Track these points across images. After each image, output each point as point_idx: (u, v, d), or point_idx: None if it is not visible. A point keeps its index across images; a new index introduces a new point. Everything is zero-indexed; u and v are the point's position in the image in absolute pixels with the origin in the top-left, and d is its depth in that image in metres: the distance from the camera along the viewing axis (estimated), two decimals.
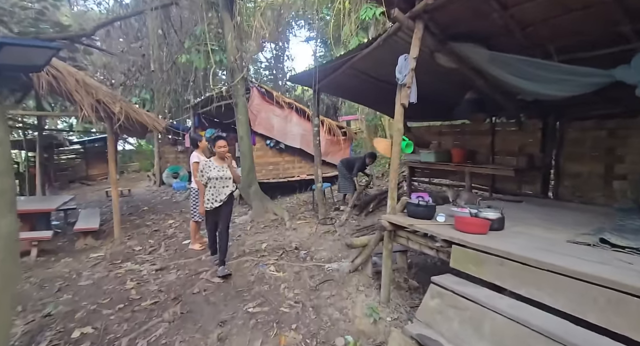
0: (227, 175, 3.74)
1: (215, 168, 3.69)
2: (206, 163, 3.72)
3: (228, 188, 3.75)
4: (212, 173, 3.66)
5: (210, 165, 3.71)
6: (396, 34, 3.19)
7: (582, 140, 3.99)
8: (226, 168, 3.74)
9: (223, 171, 3.72)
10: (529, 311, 1.58)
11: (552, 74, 2.49)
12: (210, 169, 3.68)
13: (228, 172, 3.74)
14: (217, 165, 3.72)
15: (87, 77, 4.97)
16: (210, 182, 3.70)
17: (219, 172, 3.69)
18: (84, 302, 3.28)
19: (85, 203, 9.06)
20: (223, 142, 3.71)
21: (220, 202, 3.70)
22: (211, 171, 3.67)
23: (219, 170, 3.70)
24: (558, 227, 2.49)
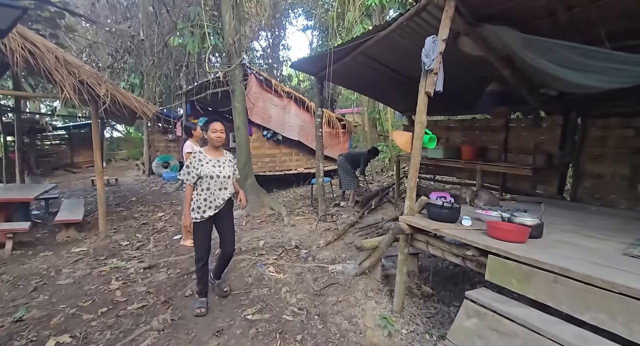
0: (226, 172, 2.71)
1: (208, 163, 2.65)
2: (195, 157, 2.64)
3: (227, 191, 2.73)
4: (204, 170, 2.60)
5: (201, 159, 2.64)
6: (419, 14, 2.85)
7: (606, 139, 3.76)
8: (224, 163, 2.73)
9: (220, 167, 2.68)
10: (604, 345, 1.31)
11: (601, 63, 2.22)
12: (202, 164, 2.62)
13: (227, 167, 2.73)
14: (210, 157, 2.68)
15: (69, 55, 4.50)
16: (202, 182, 2.63)
17: (214, 168, 2.65)
18: (62, 305, 2.93)
19: (69, 191, 8.60)
20: (219, 125, 2.67)
21: (216, 209, 2.69)
22: (203, 166, 2.62)
23: (213, 165, 2.66)
24: (598, 235, 2.25)
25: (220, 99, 7.60)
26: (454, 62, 3.22)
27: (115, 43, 8.82)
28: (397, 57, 4.04)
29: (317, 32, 14.49)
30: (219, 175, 2.66)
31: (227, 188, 2.73)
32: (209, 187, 2.64)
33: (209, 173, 2.61)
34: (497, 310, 1.64)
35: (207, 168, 2.62)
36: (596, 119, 3.83)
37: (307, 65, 5.09)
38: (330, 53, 3.86)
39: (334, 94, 14.77)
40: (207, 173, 2.61)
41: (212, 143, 2.69)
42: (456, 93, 4.22)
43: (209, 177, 2.62)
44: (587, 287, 1.43)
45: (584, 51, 2.27)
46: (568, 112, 3.94)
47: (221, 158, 2.74)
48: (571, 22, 2.48)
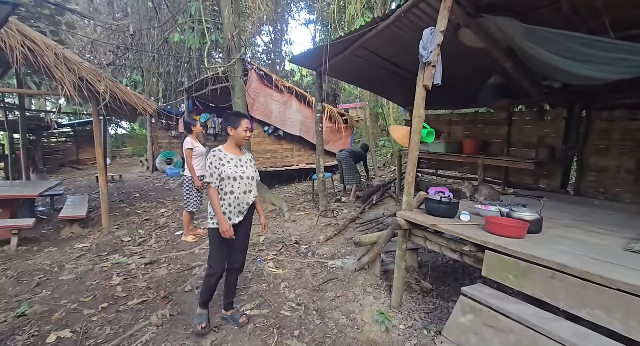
0: (249, 172, 2.40)
1: (230, 162, 2.33)
2: (216, 155, 2.31)
3: (252, 194, 2.42)
4: (226, 170, 2.28)
5: (222, 158, 2.31)
6: (418, 6, 2.79)
7: (611, 132, 3.67)
8: (246, 163, 2.43)
9: (243, 167, 2.38)
10: (602, 342, 1.29)
11: (605, 53, 2.14)
12: (223, 163, 2.30)
13: (249, 167, 2.42)
14: (232, 156, 2.37)
15: (69, 52, 4.50)
16: (224, 185, 2.30)
17: (237, 168, 2.33)
18: (64, 300, 2.98)
19: (74, 188, 8.71)
20: (249, 123, 2.39)
21: (241, 215, 2.38)
22: (225, 166, 2.29)
23: (236, 165, 2.34)
24: (600, 230, 2.20)
25: (220, 95, 7.58)
26: (455, 54, 3.17)
27: (117, 40, 8.83)
28: (396, 50, 3.97)
29: (319, 26, 14.37)
30: (242, 177, 2.33)
31: (251, 191, 2.40)
32: (232, 191, 2.30)
33: (232, 174, 2.28)
34: (492, 307, 1.62)
35: (229, 168, 2.29)
36: (601, 112, 3.74)
37: (307, 59, 5.04)
38: (326, 47, 3.80)
39: (336, 89, 14.69)
40: (230, 174, 2.28)
41: (239, 142, 2.37)
42: (458, 87, 4.16)
43: (232, 178, 2.29)
44: (585, 283, 1.40)
45: (588, 41, 2.20)
46: (572, 104, 3.85)
47: (243, 157, 2.42)
48: (574, 12, 2.40)
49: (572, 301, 1.43)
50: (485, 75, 3.86)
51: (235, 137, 2.35)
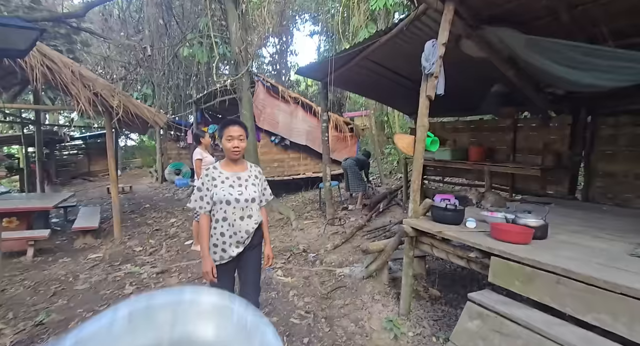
0: (249, 193, 1.92)
1: (224, 182, 1.90)
2: (208, 174, 1.91)
3: (252, 220, 1.95)
4: (218, 192, 1.86)
5: (214, 177, 1.90)
6: (419, 18, 2.89)
7: (617, 137, 3.67)
8: (247, 180, 1.96)
9: (241, 186, 1.92)
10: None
11: (605, 61, 2.19)
12: (215, 184, 1.88)
13: (250, 186, 1.95)
14: (228, 173, 1.93)
15: (84, 69, 4.71)
16: (216, 210, 1.90)
17: (232, 189, 1.89)
18: (79, 309, 3.05)
19: (86, 199, 8.90)
20: (236, 130, 1.88)
21: (239, 245, 1.93)
22: (217, 187, 1.87)
23: (231, 185, 1.90)
24: (606, 235, 2.21)
25: (228, 107, 7.77)
26: (458, 64, 3.24)
27: (128, 55, 9.16)
28: (400, 61, 4.07)
29: (324, 37, 14.69)
30: (237, 199, 1.86)
31: (251, 216, 1.92)
32: (225, 217, 1.86)
33: (223, 196, 1.84)
34: (499, 312, 1.64)
35: (221, 189, 1.85)
36: (606, 117, 3.75)
37: (313, 71, 5.18)
38: (331, 60, 3.92)
39: (341, 98, 14.87)
40: (222, 196, 1.84)
41: (228, 155, 1.92)
42: (461, 95, 4.22)
43: (225, 201, 1.84)
44: (590, 288, 1.42)
45: (588, 50, 2.25)
46: (577, 110, 3.87)
47: (242, 173, 1.95)
48: (574, 21, 2.46)
49: (578, 306, 1.45)
50: (488, 84, 3.92)
51: (224, 149, 1.93)
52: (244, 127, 1.93)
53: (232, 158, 1.94)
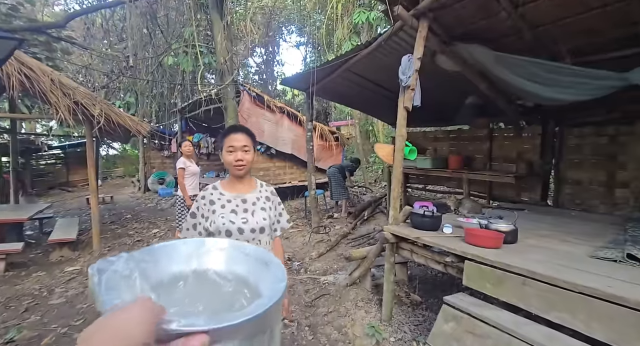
0: (257, 220, 1.45)
1: (225, 206, 1.45)
2: (206, 196, 1.47)
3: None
4: (218, 220, 1.41)
5: (213, 200, 1.46)
6: (397, 34, 3.04)
7: (582, 147, 3.92)
8: (255, 204, 1.49)
9: (247, 211, 1.46)
10: (568, 343, 1.39)
11: (566, 77, 2.38)
12: (214, 209, 1.44)
13: (259, 211, 1.48)
14: (230, 195, 1.48)
15: (64, 77, 4.64)
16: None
17: (236, 216, 1.44)
18: (54, 324, 2.94)
19: (64, 211, 8.59)
20: (240, 138, 1.44)
21: None
22: (215, 214, 1.42)
23: (233, 211, 1.44)
24: (571, 239, 2.35)
25: (213, 116, 7.77)
26: (435, 77, 3.41)
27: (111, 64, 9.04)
28: (381, 73, 4.22)
29: (310, 47, 14.97)
30: (241, 229, 1.39)
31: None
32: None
33: (223, 225, 1.37)
34: (472, 314, 1.72)
35: (220, 216, 1.39)
36: (572, 128, 4.00)
37: (297, 81, 5.28)
38: (313, 72, 4.04)
39: (327, 107, 15.10)
40: (220, 225, 1.37)
41: (231, 171, 1.47)
42: (440, 106, 4.41)
43: (225, 232, 1.37)
44: (552, 288, 1.52)
45: (550, 67, 2.44)
46: (546, 121, 4.11)
47: (249, 195, 1.48)
48: (536, 40, 2.66)
49: (542, 305, 1.54)
50: (463, 96, 4.12)
51: (225, 164, 1.46)
52: (249, 135, 1.47)
53: (236, 174, 1.46)
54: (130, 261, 0.57)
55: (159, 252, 0.65)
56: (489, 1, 2.34)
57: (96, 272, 0.52)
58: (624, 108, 3.56)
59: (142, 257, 0.60)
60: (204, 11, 7.16)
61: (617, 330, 1.32)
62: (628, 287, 1.43)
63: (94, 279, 0.51)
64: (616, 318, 1.33)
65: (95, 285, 0.50)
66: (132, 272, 0.56)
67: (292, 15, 14.38)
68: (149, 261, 0.61)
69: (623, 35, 2.37)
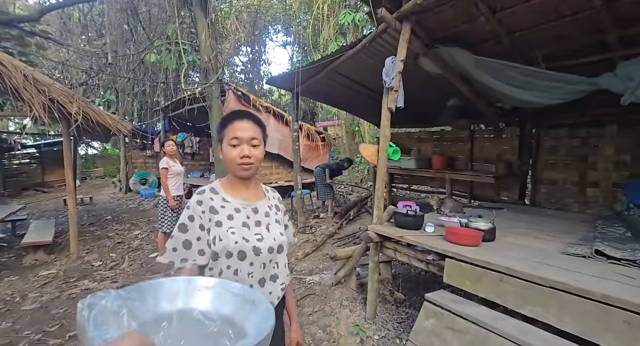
0: (275, 238, 1.11)
1: (233, 217, 1.08)
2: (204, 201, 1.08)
3: (278, 283, 1.13)
4: (227, 236, 1.03)
5: (215, 208, 1.08)
6: (381, 36, 3.08)
7: (557, 148, 4.09)
8: (267, 213, 1.16)
9: (260, 225, 1.11)
10: (540, 336, 1.46)
11: (541, 81, 2.48)
12: (218, 220, 1.05)
13: (274, 226, 1.14)
14: (237, 203, 1.11)
15: (39, 73, 4.45)
16: (220, 268, 1.04)
17: (251, 230, 1.09)
18: (27, 331, 2.82)
19: (39, 212, 8.23)
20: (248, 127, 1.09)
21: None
22: (222, 227, 1.05)
23: (244, 224, 1.09)
24: (545, 236, 2.45)
25: (197, 115, 7.64)
26: (419, 79, 3.48)
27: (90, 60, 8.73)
28: (366, 74, 4.27)
29: (296, 47, 14.94)
30: (258, 248, 1.06)
31: (277, 278, 1.13)
32: (236, 281, 0.91)
33: (235, 244, 1.04)
34: (452, 310, 1.77)
35: (229, 231, 1.05)
36: (548, 130, 4.17)
37: (283, 81, 5.27)
38: (298, 72, 4.04)
39: (314, 108, 15.12)
40: (231, 244, 1.03)
41: (233, 171, 1.12)
42: (423, 107, 4.51)
43: (236, 254, 1.04)
44: (527, 284, 1.59)
45: (525, 71, 2.54)
46: (524, 123, 4.28)
47: (260, 203, 1.17)
48: (514, 45, 2.76)
49: (517, 300, 1.61)
50: (445, 98, 4.22)
51: (225, 161, 1.12)
52: (259, 124, 1.14)
53: (240, 175, 1.11)
54: (118, 298, 0.58)
55: (146, 290, 0.65)
56: (469, 6, 2.41)
57: (86, 307, 0.54)
58: (594, 112, 3.75)
59: (130, 294, 0.61)
60: (188, 8, 7.02)
61: (585, 323, 1.40)
62: (595, 281, 1.51)
63: (84, 314, 0.53)
64: (584, 311, 1.41)
65: (85, 320, 0.52)
66: (121, 308, 0.57)
67: (279, 14, 14.32)
68: (135, 300, 0.62)
69: (592, 42, 2.50)
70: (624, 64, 2.23)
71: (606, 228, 2.61)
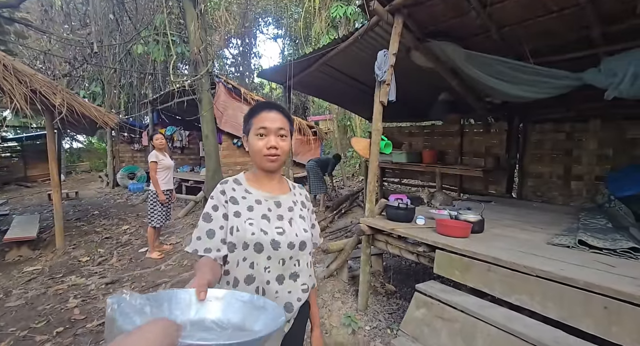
0: (298, 233, 1.06)
1: (253, 208, 1.06)
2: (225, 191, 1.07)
3: (298, 283, 1.06)
4: (244, 227, 1.00)
5: (237, 196, 1.07)
6: (373, 29, 3.07)
7: (543, 142, 4.19)
8: (292, 208, 1.12)
9: (282, 219, 1.08)
10: (525, 322, 1.51)
11: (528, 76, 2.53)
12: (238, 209, 1.04)
13: (298, 221, 1.10)
14: (260, 195, 1.10)
15: (19, 63, 4.28)
16: (236, 260, 1.01)
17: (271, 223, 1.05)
18: (12, 328, 2.76)
19: (22, 207, 8.01)
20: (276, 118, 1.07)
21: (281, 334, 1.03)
22: (241, 217, 1.03)
23: (265, 216, 1.06)
24: (531, 228, 2.52)
25: (187, 108, 7.49)
26: (410, 73, 3.49)
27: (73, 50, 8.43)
28: (357, 68, 4.26)
29: (287, 40, 14.76)
30: (277, 242, 1.02)
31: (298, 276, 1.07)
32: (251, 275, 1.00)
33: (252, 235, 1.00)
34: (441, 299, 1.81)
35: (248, 222, 1.02)
36: (534, 124, 4.26)
37: (274, 74, 5.21)
38: (290, 64, 4.00)
39: (306, 102, 15.04)
40: (248, 235, 1.00)
41: (259, 163, 1.09)
42: (414, 102, 4.53)
43: (252, 246, 1.00)
44: (513, 273, 1.64)
45: (514, 65, 2.58)
46: (511, 118, 4.36)
47: (284, 197, 1.14)
48: (503, 40, 2.80)
49: (504, 289, 1.66)
50: (436, 92, 4.25)
51: (251, 153, 1.09)
52: (287, 116, 1.11)
53: (266, 167, 1.08)
54: (140, 298, 0.65)
55: (161, 297, 0.72)
56: (460, 0, 2.43)
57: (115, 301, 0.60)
58: (579, 108, 3.85)
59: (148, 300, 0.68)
60: None
61: (567, 309, 1.45)
62: (578, 270, 1.57)
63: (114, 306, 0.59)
64: (567, 298, 1.46)
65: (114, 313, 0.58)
66: (144, 307, 0.64)
67: (269, 6, 14.09)
68: (153, 305, 0.68)
69: (577, 37, 2.56)
70: (608, 60, 2.29)
71: (589, 219, 2.70)
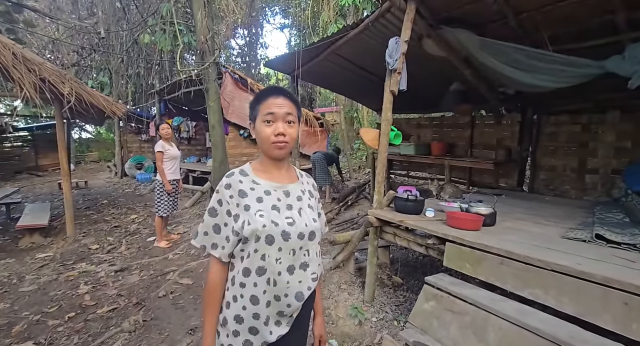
0: (308, 223, 1.04)
1: (263, 199, 1.02)
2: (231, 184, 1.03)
3: (308, 273, 1.05)
4: (255, 219, 0.97)
5: (244, 189, 1.03)
6: (384, 15, 2.98)
7: (558, 134, 4.07)
8: (301, 197, 1.10)
9: (292, 209, 1.05)
10: (539, 317, 1.47)
11: (546, 64, 2.43)
12: (247, 202, 1.00)
13: (307, 211, 1.08)
14: (269, 185, 1.06)
15: (28, 51, 4.29)
16: (247, 252, 0.99)
17: (281, 213, 1.02)
18: (25, 312, 2.83)
19: (33, 196, 8.17)
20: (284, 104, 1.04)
21: (283, 322, 1.01)
22: (251, 209, 0.99)
23: (275, 206, 1.03)
24: (544, 221, 2.46)
25: (194, 98, 7.48)
26: (421, 62, 3.40)
27: (81, 40, 8.43)
28: (367, 57, 4.16)
29: (294, 30, 14.54)
30: (287, 233, 1.01)
31: (307, 266, 1.06)
32: (262, 266, 0.99)
33: (263, 227, 0.98)
34: (451, 292, 1.78)
35: (258, 213, 0.99)
36: (549, 116, 4.13)
37: (281, 64, 5.13)
38: (299, 53, 3.92)
39: (312, 93, 14.88)
40: (259, 227, 0.97)
41: (266, 150, 1.06)
42: (424, 92, 4.43)
43: (264, 237, 0.98)
44: (527, 267, 1.59)
45: (531, 53, 2.47)
46: (525, 109, 4.23)
47: (293, 186, 1.11)
48: (520, 26, 2.68)
49: (517, 283, 1.62)
50: (447, 82, 4.14)
51: (258, 140, 1.07)
52: (294, 102, 1.07)
53: (274, 155, 1.06)
54: None
55: None
56: None
57: None
58: (597, 98, 3.71)
59: None
60: None
61: (584, 304, 1.41)
62: (595, 264, 1.52)
63: None
64: (584, 292, 1.42)
65: None
66: None
67: None
68: None
69: (599, 24, 2.43)
70: (633, 46, 2.17)
71: (604, 213, 2.63)
